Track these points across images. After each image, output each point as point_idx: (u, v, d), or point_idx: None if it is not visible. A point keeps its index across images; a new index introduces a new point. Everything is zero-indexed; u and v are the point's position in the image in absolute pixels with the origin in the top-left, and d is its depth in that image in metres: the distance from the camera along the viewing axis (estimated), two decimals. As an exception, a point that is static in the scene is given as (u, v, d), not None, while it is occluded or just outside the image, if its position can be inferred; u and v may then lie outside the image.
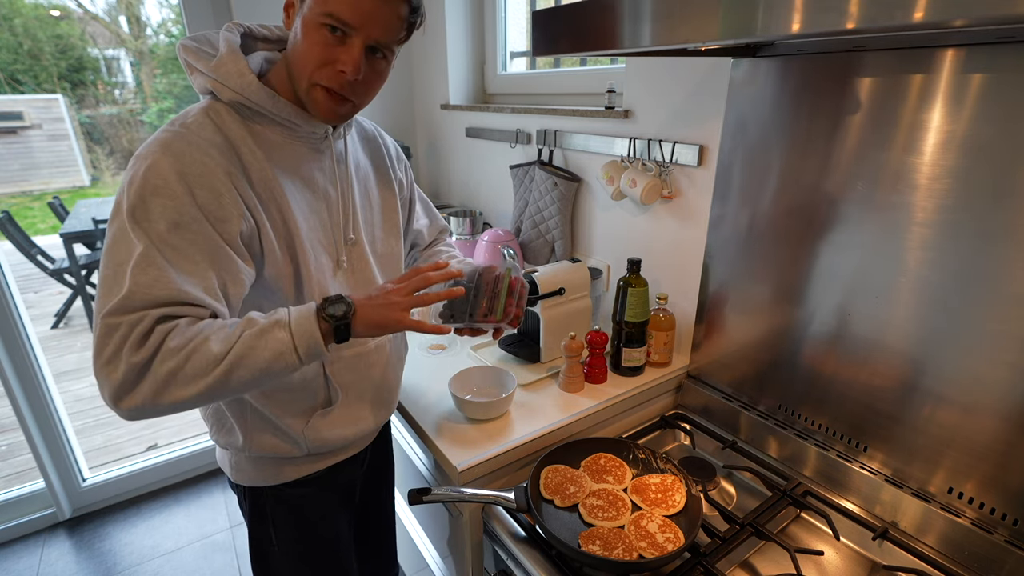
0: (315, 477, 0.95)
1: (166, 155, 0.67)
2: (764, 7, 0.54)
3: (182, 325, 0.64)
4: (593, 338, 1.18)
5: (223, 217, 0.69)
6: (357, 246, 0.90)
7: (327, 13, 0.69)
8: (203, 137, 0.70)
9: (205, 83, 0.74)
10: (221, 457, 0.96)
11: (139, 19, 4.06)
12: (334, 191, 0.86)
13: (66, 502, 2.04)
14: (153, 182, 0.66)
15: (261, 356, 0.66)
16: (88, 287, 3.83)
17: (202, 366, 0.63)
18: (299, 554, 0.99)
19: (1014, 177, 0.73)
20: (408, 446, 1.30)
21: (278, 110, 0.76)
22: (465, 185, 2.12)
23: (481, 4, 1.96)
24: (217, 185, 0.69)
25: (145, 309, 0.63)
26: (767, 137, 1.02)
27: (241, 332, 0.66)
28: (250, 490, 0.93)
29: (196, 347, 0.63)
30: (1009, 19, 0.43)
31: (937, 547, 0.87)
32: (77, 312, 3.97)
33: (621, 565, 0.80)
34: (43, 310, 4.08)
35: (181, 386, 0.63)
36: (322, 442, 0.90)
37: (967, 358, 0.82)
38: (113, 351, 0.61)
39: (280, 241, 0.77)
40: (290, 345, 0.67)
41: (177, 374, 0.63)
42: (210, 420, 0.91)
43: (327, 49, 0.72)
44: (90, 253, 3.98)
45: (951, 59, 0.76)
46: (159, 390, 0.62)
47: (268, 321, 0.68)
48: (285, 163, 0.79)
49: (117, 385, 0.61)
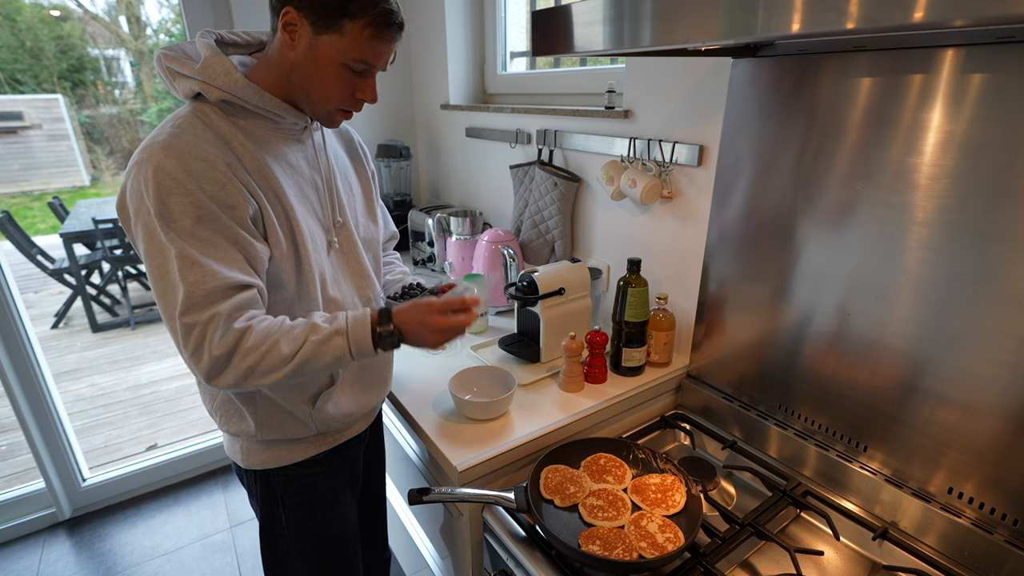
0: (323, 456, 1.00)
1: (169, 156, 0.72)
2: (764, 7, 0.54)
3: (254, 324, 0.76)
4: (593, 338, 1.18)
5: (232, 204, 0.76)
6: (344, 228, 0.96)
7: (360, 59, 0.79)
8: (197, 135, 0.76)
9: (191, 86, 0.78)
10: (231, 446, 0.99)
11: (139, 19, 4.06)
12: (319, 177, 0.91)
13: (66, 502, 2.04)
14: (166, 184, 0.72)
15: (323, 360, 0.79)
16: (88, 287, 3.84)
17: (274, 364, 0.77)
18: (309, 537, 1.02)
19: (1014, 177, 0.73)
20: (408, 446, 1.30)
21: (264, 104, 0.81)
22: (465, 185, 2.12)
23: (481, 4, 1.96)
24: (219, 176, 0.75)
25: (210, 305, 0.73)
26: (767, 137, 1.02)
27: (306, 338, 0.78)
28: (262, 474, 0.97)
29: (269, 348, 0.76)
30: (1009, 19, 0.43)
31: (937, 547, 0.87)
32: (77, 312, 3.97)
33: (621, 565, 0.80)
34: (43, 310, 4.08)
35: (259, 377, 0.77)
36: (329, 421, 0.96)
37: (967, 358, 0.82)
38: (195, 346, 0.73)
39: (281, 222, 0.83)
40: (347, 351, 0.80)
41: (255, 369, 0.76)
42: (217, 414, 0.94)
43: (351, 84, 0.82)
44: (90, 253, 3.98)
45: (951, 59, 0.76)
46: (240, 379, 0.76)
47: (330, 329, 0.80)
48: (273, 153, 0.84)
49: (205, 372, 0.75)
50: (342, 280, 0.95)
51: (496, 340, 1.36)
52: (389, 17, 0.79)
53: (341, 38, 0.77)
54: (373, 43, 0.79)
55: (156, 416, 2.82)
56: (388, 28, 0.79)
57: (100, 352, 3.53)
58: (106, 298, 3.97)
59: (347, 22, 0.76)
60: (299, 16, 0.76)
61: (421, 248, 1.98)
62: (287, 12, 0.76)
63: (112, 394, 3.05)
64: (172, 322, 0.74)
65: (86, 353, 3.52)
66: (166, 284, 0.73)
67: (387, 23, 0.79)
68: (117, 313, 3.95)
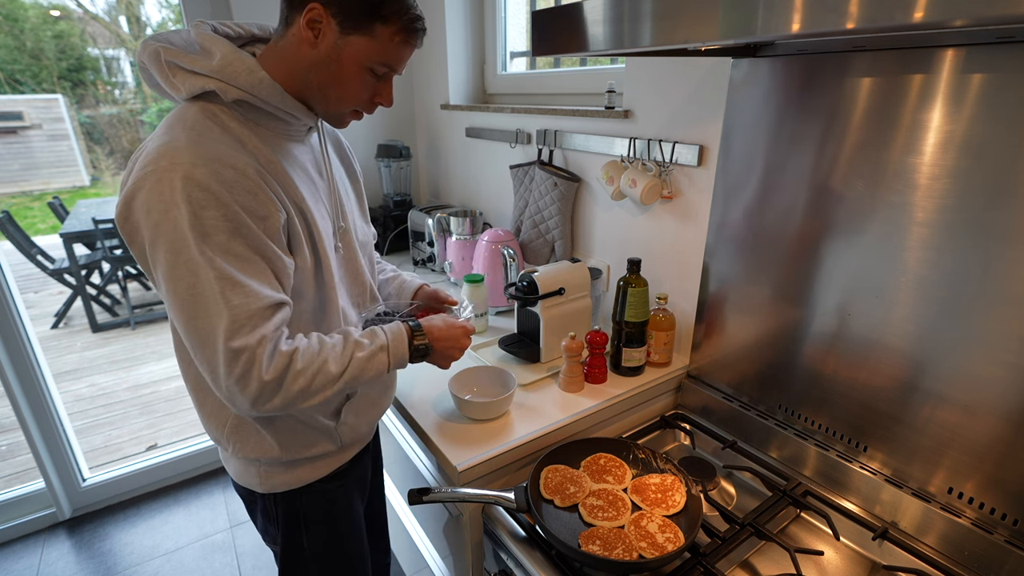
0: (343, 470, 0.99)
1: (197, 165, 0.67)
2: (764, 7, 0.54)
3: (300, 345, 0.75)
4: (593, 338, 1.18)
5: (263, 215, 0.72)
6: (347, 232, 0.93)
7: (385, 63, 0.78)
8: (216, 139, 0.71)
9: (202, 84, 0.72)
10: (243, 471, 0.92)
11: (139, 19, 4.07)
12: (323, 180, 0.89)
13: (66, 502, 2.04)
14: (197, 195, 0.66)
15: (366, 376, 0.81)
16: (88, 287, 3.84)
17: (324, 384, 0.76)
18: (331, 553, 1.00)
19: (1014, 177, 0.73)
20: (408, 446, 1.30)
21: (284, 105, 0.77)
22: (465, 185, 2.12)
23: (481, 4, 1.96)
24: (251, 185, 0.71)
25: (255, 328, 0.70)
26: (767, 137, 1.02)
27: (351, 355, 0.79)
28: (283, 496, 0.93)
29: (319, 368, 0.76)
30: (1009, 19, 0.43)
31: (937, 547, 0.87)
32: (77, 312, 3.97)
33: (621, 565, 0.80)
34: (43, 310, 4.08)
35: (308, 398, 0.76)
36: (353, 432, 0.96)
37: (967, 358, 0.82)
38: (243, 372, 0.70)
39: (303, 231, 0.80)
40: (387, 364, 0.83)
41: (306, 391, 0.75)
42: (230, 440, 0.87)
43: (371, 87, 0.81)
44: (90, 253, 3.98)
45: (951, 59, 0.76)
46: (290, 402, 0.74)
47: (374, 346, 0.82)
48: (284, 155, 0.80)
49: (252, 398, 0.71)
50: (343, 288, 0.92)
51: (496, 340, 1.36)
52: (418, 23, 0.78)
53: (370, 40, 0.75)
54: (401, 48, 0.78)
55: (156, 416, 2.82)
56: (415, 34, 0.78)
57: (100, 352, 3.53)
58: (106, 298, 3.97)
59: (378, 25, 0.74)
60: (326, 14, 0.73)
61: (421, 248, 1.98)
62: (312, 8, 0.72)
63: (112, 394, 3.05)
64: (210, 348, 0.68)
65: (86, 353, 3.52)
66: (200, 306, 0.67)
67: (415, 29, 0.78)
68: (117, 313, 3.95)
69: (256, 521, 1.00)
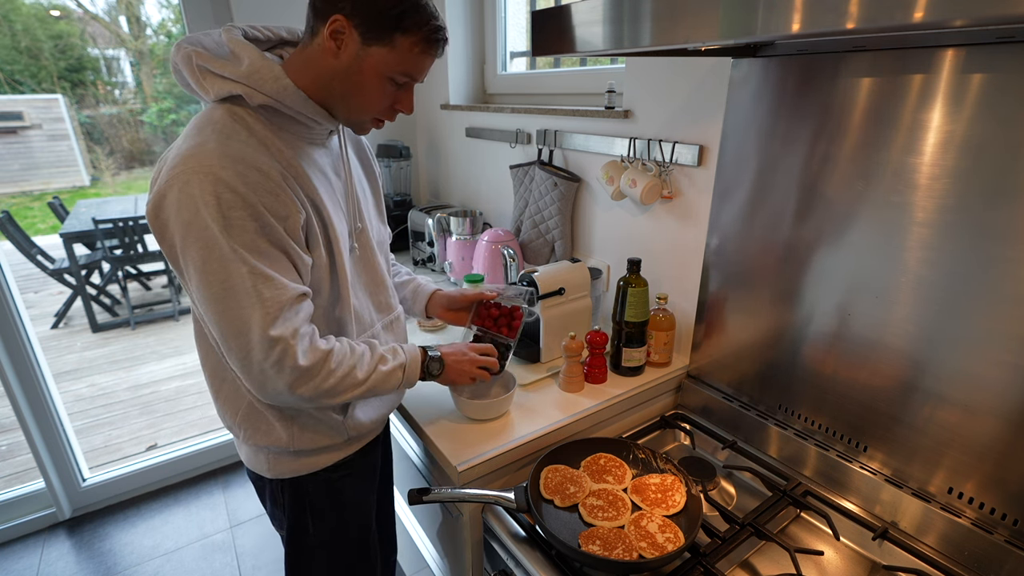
0: (350, 460, 1.00)
1: (225, 167, 0.71)
2: (764, 7, 0.54)
3: (335, 346, 0.82)
4: (593, 338, 1.18)
5: (284, 215, 0.76)
6: (363, 233, 0.95)
7: (405, 73, 0.80)
8: (243, 142, 0.74)
9: (230, 88, 0.75)
10: (253, 457, 0.96)
11: (139, 19, 4.07)
12: (341, 182, 0.91)
13: (66, 502, 2.04)
14: (226, 196, 0.70)
15: (385, 388, 0.89)
16: (88, 287, 3.84)
17: (348, 387, 0.84)
18: (338, 543, 1.02)
19: (1014, 177, 0.73)
20: (408, 446, 1.30)
21: (307, 111, 0.80)
22: (465, 185, 2.12)
23: (481, 4, 1.95)
24: (273, 187, 0.74)
25: (288, 319, 0.76)
26: (767, 137, 1.02)
27: (375, 367, 0.87)
28: (290, 482, 0.96)
29: (348, 372, 0.83)
30: (1009, 19, 0.43)
31: (937, 547, 0.87)
32: (77, 312, 3.97)
33: (621, 565, 0.80)
34: (43, 310, 4.08)
35: (332, 397, 0.83)
36: (360, 427, 0.97)
37: (967, 358, 0.82)
38: (278, 358, 0.75)
39: (320, 231, 0.83)
40: (401, 380, 0.91)
41: (333, 390, 0.82)
42: (241, 427, 0.91)
43: (391, 96, 0.83)
44: (90, 253, 3.98)
45: (951, 59, 0.76)
46: (316, 396, 0.81)
47: (396, 363, 0.90)
48: (306, 158, 0.82)
49: (288, 382, 0.77)
50: (359, 287, 0.94)
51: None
52: (439, 34, 0.79)
53: (391, 51, 0.76)
54: (421, 58, 0.79)
55: (156, 416, 2.82)
56: (436, 44, 0.79)
57: (100, 352, 3.53)
58: (106, 298, 3.97)
59: (399, 36, 0.76)
60: (348, 25, 0.74)
61: (421, 248, 1.98)
62: (336, 20, 0.74)
63: (112, 394, 3.05)
64: (244, 336, 0.74)
65: (86, 353, 3.52)
66: (234, 299, 0.72)
67: (436, 39, 0.79)
68: (117, 313, 3.95)
69: (265, 505, 1.03)
